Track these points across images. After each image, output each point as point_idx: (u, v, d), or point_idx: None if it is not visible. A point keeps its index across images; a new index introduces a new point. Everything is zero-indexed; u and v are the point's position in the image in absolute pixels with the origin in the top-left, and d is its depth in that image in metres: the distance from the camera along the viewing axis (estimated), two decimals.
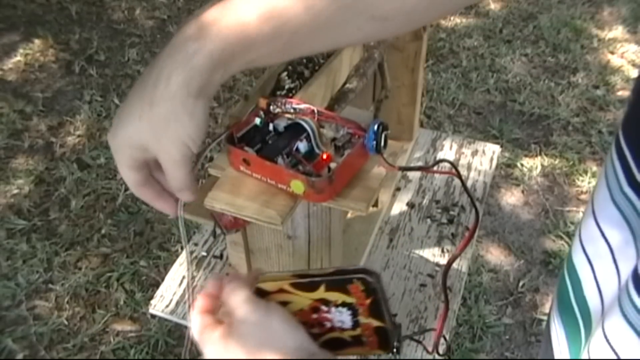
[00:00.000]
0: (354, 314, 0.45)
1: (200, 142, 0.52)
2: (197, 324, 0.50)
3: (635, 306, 0.40)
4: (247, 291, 0.47)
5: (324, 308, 0.46)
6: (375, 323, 0.45)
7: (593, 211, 0.49)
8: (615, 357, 0.42)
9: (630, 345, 0.41)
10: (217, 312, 0.51)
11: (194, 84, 0.48)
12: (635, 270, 0.41)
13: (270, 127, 0.59)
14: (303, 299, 0.46)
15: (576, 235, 0.51)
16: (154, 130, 0.49)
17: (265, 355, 0.44)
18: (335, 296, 0.45)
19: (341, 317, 0.46)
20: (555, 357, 0.51)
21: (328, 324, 0.47)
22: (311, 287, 0.45)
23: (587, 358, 0.45)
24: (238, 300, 0.47)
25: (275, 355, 0.44)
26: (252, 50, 0.49)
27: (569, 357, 0.50)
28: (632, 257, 0.44)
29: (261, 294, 0.48)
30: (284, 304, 0.47)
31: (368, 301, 0.44)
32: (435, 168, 0.56)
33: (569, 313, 0.50)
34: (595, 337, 0.44)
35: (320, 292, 0.45)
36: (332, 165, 0.56)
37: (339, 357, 0.49)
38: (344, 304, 0.45)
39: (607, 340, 0.42)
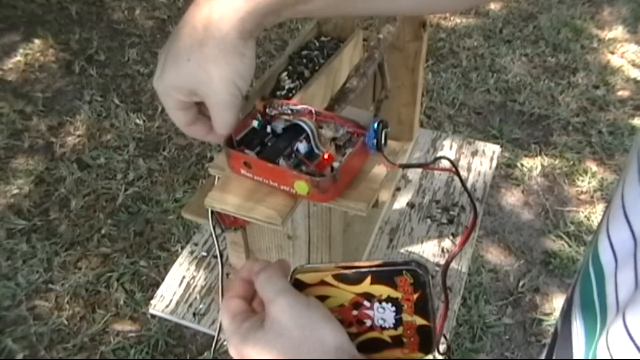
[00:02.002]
0: (398, 310, 0.43)
1: (249, 82, 0.52)
2: (227, 310, 0.45)
3: None
4: (285, 281, 0.44)
5: (366, 304, 0.43)
6: (419, 321, 0.43)
7: (623, 205, 0.48)
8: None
9: None
10: (253, 300, 0.47)
11: (247, 26, 0.48)
12: None
13: (268, 129, 0.59)
14: (345, 293, 0.44)
15: (603, 229, 0.50)
16: (204, 72, 0.49)
17: (303, 354, 0.41)
18: (381, 290, 0.43)
19: (383, 315, 0.44)
20: (574, 355, 0.51)
21: (368, 322, 0.44)
22: (356, 279, 0.43)
23: (607, 358, 0.44)
24: (274, 291, 0.43)
25: (314, 356, 0.41)
26: (307, 2, 0.50)
27: (584, 354, 0.49)
28: None
29: (298, 286, 0.44)
30: (323, 298, 0.44)
31: (415, 296, 0.42)
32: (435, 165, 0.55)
33: (590, 309, 0.50)
34: (614, 331, 0.43)
35: (365, 285, 0.43)
36: (335, 164, 0.56)
37: None
38: (388, 299, 0.43)
39: (630, 335, 0.41)
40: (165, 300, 0.97)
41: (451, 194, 1.13)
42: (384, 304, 0.43)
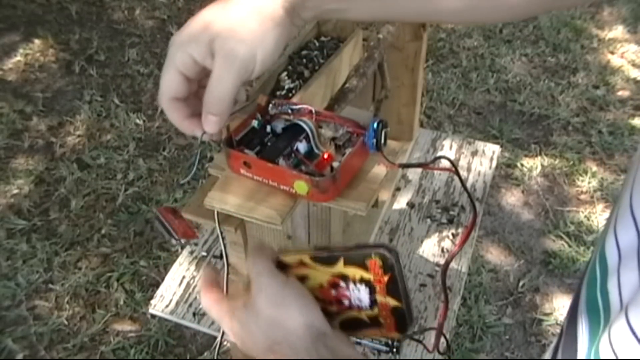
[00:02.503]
0: (372, 291, 0.45)
1: (267, 65, 0.49)
2: (206, 301, 0.49)
3: None
4: (268, 262, 0.47)
5: (342, 284, 0.46)
6: (392, 303, 0.45)
7: (631, 205, 0.48)
8: None
9: None
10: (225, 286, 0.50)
11: None
12: None
13: (268, 129, 0.59)
14: (322, 274, 0.46)
15: (610, 229, 0.50)
16: (233, 23, 0.46)
17: (277, 331, 0.44)
18: (354, 271, 0.45)
19: (359, 295, 0.46)
20: (579, 354, 0.50)
21: (346, 302, 0.47)
22: (330, 261, 0.45)
23: (610, 357, 0.44)
24: (257, 271, 0.46)
25: (285, 330, 0.44)
26: None
27: (587, 353, 0.49)
28: None
29: (282, 267, 0.47)
30: (303, 278, 0.47)
31: (386, 278, 0.44)
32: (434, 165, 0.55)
33: (594, 306, 0.50)
34: (617, 329, 0.43)
35: (339, 267, 0.45)
36: (335, 164, 0.56)
37: (357, 338, 0.49)
38: (362, 281, 0.45)
39: (633, 333, 0.41)
40: (165, 300, 0.97)
41: (451, 194, 1.13)
42: (358, 284, 0.45)
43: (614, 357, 0.43)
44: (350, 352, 0.45)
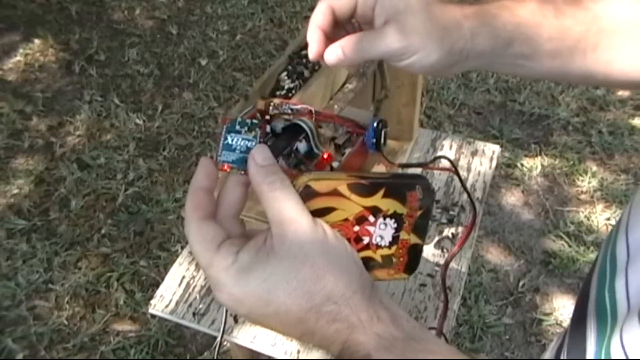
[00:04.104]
0: (398, 227, 0.44)
1: (410, 69, 0.49)
2: (205, 240, 0.37)
3: None
4: (297, 200, 0.38)
5: (370, 219, 0.43)
6: (414, 240, 0.45)
7: None
8: None
9: None
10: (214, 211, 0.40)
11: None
12: None
13: (267, 128, 0.59)
14: (353, 206, 0.42)
15: (622, 229, 0.50)
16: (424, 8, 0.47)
17: (328, 286, 0.36)
18: (389, 204, 0.43)
19: (383, 232, 0.44)
20: (587, 354, 0.50)
21: (365, 240, 0.44)
22: (370, 190, 0.42)
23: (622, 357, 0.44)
24: (286, 211, 0.37)
25: (338, 285, 0.37)
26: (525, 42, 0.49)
27: (595, 352, 0.49)
28: None
29: (308, 194, 0.41)
30: (328, 210, 0.42)
31: (418, 213, 0.44)
32: (434, 165, 0.55)
33: (602, 305, 0.50)
34: (628, 329, 0.43)
35: (377, 198, 0.43)
36: (334, 164, 0.56)
37: None
38: (393, 215, 0.44)
39: None
40: (165, 300, 0.97)
41: (451, 193, 1.13)
42: (387, 219, 0.44)
43: (626, 359, 0.42)
44: (401, 310, 0.40)
